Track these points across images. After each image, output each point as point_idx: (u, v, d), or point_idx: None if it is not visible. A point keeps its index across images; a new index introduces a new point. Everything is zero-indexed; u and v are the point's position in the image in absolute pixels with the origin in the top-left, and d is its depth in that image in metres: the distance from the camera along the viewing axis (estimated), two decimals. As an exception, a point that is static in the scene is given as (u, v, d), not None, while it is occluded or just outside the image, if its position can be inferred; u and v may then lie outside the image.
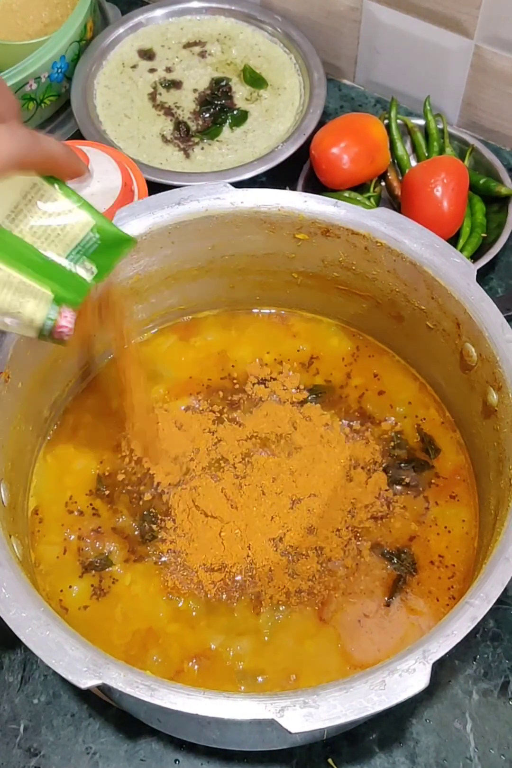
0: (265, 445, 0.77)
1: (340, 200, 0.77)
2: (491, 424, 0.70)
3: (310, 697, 0.53)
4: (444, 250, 0.73)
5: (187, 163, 1.05)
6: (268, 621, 0.69)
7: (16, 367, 0.70)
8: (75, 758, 0.72)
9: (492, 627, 0.77)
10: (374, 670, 0.55)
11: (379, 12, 1.10)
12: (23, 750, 0.72)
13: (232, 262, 0.82)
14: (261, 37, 1.16)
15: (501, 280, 1.01)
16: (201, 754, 0.71)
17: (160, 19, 1.18)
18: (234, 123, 1.08)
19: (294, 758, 0.71)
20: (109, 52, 1.14)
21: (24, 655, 0.76)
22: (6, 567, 0.60)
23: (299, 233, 0.78)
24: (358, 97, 1.19)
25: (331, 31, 1.16)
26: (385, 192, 1.05)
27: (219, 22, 1.18)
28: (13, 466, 0.71)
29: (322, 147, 1.00)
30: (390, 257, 0.75)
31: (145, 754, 0.72)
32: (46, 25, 1.15)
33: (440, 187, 0.95)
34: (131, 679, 0.54)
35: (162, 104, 1.10)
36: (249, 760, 0.71)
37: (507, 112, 1.09)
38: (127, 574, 0.72)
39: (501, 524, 0.62)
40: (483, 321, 0.70)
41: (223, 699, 0.54)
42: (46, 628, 0.56)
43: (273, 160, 1.02)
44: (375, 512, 0.74)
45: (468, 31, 1.05)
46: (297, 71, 1.13)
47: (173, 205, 0.76)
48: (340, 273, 0.80)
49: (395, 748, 0.72)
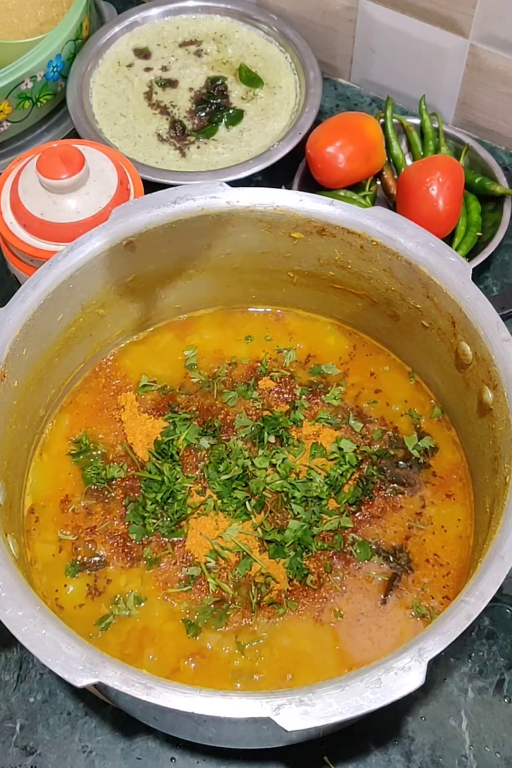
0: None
1: (336, 199, 0.77)
2: (486, 423, 0.70)
3: (306, 696, 0.54)
4: (439, 249, 0.74)
5: (182, 162, 1.05)
6: (265, 620, 0.69)
7: (12, 366, 0.70)
8: (71, 757, 0.72)
9: (487, 625, 0.77)
10: (370, 668, 0.55)
11: (375, 11, 1.10)
12: (19, 748, 0.72)
13: (228, 261, 0.82)
14: (257, 36, 1.16)
15: (496, 278, 1.01)
16: (197, 752, 0.71)
17: (156, 18, 1.18)
18: (230, 122, 1.08)
19: (290, 756, 0.71)
20: (104, 50, 1.14)
21: (20, 654, 0.76)
22: (2, 565, 0.60)
23: (295, 232, 0.78)
24: (354, 96, 1.19)
25: (327, 30, 1.16)
26: (381, 191, 1.06)
27: (215, 21, 1.18)
28: (8, 465, 0.71)
29: (318, 146, 1.00)
30: (386, 256, 0.75)
31: (141, 753, 0.72)
32: (41, 24, 1.14)
33: (435, 186, 0.95)
34: (127, 677, 0.54)
35: (158, 103, 1.10)
36: (245, 758, 0.71)
37: (502, 111, 1.09)
38: (122, 574, 0.72)
39: (497, 522, 0.63)
40: (479, 320, 0.70)
41: (219, 697, 0.54)
42: (42, 627, 0.56)
43: (269, 159, 1.02)
44: (372, 511, 0.75)
45: (463, 31, 1.05)
46: (293, 70, 1.13)
47: (169, 204, 0.76)
48: (336, 272, 0.80)
49: (391, 745, 0.72)
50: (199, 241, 0.79)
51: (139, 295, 0.81)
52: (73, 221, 0.86)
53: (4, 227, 0.88)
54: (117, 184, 0.88)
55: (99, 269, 0.75)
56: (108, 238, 0.75)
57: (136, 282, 0.80)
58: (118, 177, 0.89)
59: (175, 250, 0.79)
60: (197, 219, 0.77)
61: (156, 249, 0.78)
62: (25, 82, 1.01)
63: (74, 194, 0.86)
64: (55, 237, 0.86)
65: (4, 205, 0.89)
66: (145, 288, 0.81)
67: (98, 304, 0.78)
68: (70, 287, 0.74)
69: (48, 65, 1.03)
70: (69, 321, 0.76)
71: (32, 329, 0.71)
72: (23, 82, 1.01)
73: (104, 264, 0.75)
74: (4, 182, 0.90)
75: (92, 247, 0.74)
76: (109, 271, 0.76)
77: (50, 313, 0.73)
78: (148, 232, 0.76)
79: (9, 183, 0.90)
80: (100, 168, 0.89)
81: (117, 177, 0.89)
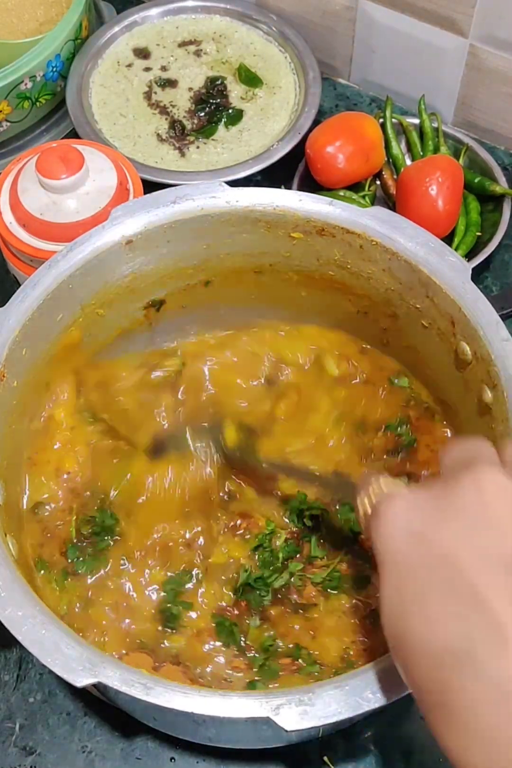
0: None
1: (335, 199, 0.77)
2: (486, 423, 0.70)
3: (306, 695, 0.54)
4: (439, 249, 0.74)
5: (182, 161, 1.05)
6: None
7: (12, 366, 0.70)
8: (71, 757, 0.72)
9: (487, 625, 0.77)
10: (370, 668, 0.55)
11: (374, 11, 1.10)
12: (19, 749, 0.72)
13: (227, 261, 0.82)
14: (257, 36, 1.16)
15: (495, 278, 1.01)
16: (196, 752, 0.71)
17: (156, 18, 1.18)
18: (229, 122, 1.08)
19: (290, 756, 0.71)
20: (104, 50, 1.14)
21: (20, 654, 0.76)
22: (2, 565, 0.60)
23: (294, 232, 0.78)
24: (353, 96, 1.19)
25: (326, 30, 1.16)
26: (380, 191, 1.06)
27: (214, 21, 1.18)
28: (8, 465, 0.71)
29: (317, 146, 1.00)
30: (385, 256, 0.75)
31: (141, 753, 0.72)
32: (41, 24, 1.14)
33: (435, 186, 0.95)
34: (127, 677, 0.54)
35: (157, 103, 1.10)
36: (244, 757, 0.71)
37: (501, 111, 1.09)
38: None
39: (496, 522, 0.63)
40: (478, 320, 0.70)
41: (219, 697, 0.54)
42: (42, 627, 0.56)
43: (269, 159, 1.02)
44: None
45: (463, 31, 1.05)
46: (293, 70, 1.13)
47: (168, 203, 0.76)
48: (335, 272, 0.80)
49: (391, 746, 0.72)
50: (199, 241, 0.79)
51: (138, 294, 0.81)
52: (72, 221, 0.86)
53: (4, 227, 0.88)
54: (116, 184, 0.88)
55: (98, 269, 0.75)
56: (107, 238, 0.75)
57: (135, 282, 0.80)
58: (118, 177, 0.89)
59: (175, 250, 0.79)
60: (196, 219, 0.77)
61: (155, 249, 0.78)
62: (24, 82, 1.01)
63: (74, 194, 0.87)
64: (55, 237, 0.86)
65: (3, 205, 0.89)
66: (145, 288, 0.81)
67: (98, 304, 0.78)
68: (69, 287, 0.73)
69: (47, 65, 1.03)
70: (69, 321, 0.76)
71: (32, 329, 0.71)
72: (22, 82, 1.01)
73: (104, 264, 0.75)
74: (3, 182, 0.90)
75: (92, 246, 0.74)
76: (108, 271, 0.76)
77: (50, 313, 0.73)
78: (148, 232, 0.76)
79: (8, 183, 0.90)
80: (99, 168, 0.89)
81: (116, 177, 0.89)
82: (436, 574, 0.45)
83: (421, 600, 0.45)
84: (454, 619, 0.43)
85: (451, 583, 0.44)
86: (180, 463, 0.75)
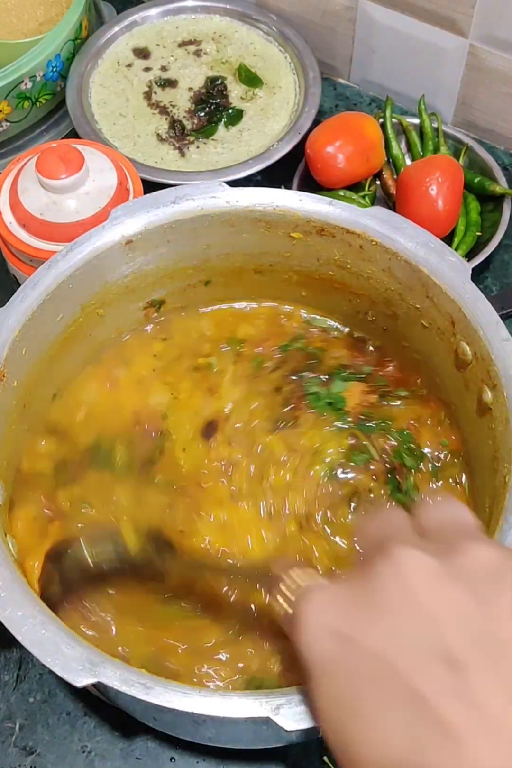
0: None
1: (335, 199, 0.77)
2: (486, 423, 0.70)
3: (306, 695, 0.53)
4: (439, 249, 0.74)
5: (182, 161, 1.05)
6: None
7: (12, 366, 0.70)
8: (71, 757, 0.72)
9: (487, 625, 0.77)
10: (369, 668, 0.55)
11: (374, 11, 1.10)
12: (19, 749, 0.72)
13: (227, 261, 0.82)
14: (257, 36, 1.16)
15: (495, 278, 1.01)
16: (196, 752, 0.71)
17: (155, 18, 1.18)
18: (229, 122, 1.08)
19: (290, 756, 0.71)
20: (104, 50, 1.14)
21: (20, 654, 0.76)
22: (2, 565, 0.60)
23: (294, 232, 0.78)
24: (353, 96, 1.19)
25: (326, 30, 1.16)
26: (380, 191, 1.06)
27: (214, 21, 1.18)
28: (8, 465, 0.71)
29: (317, 146, 1.00)
30: (385, 256, 0.75)
31: (141, 753, 0.72)
32: (41, 24, 1.14)
33: (435, 186, 0.95)
34: (127, 677, 0.54)
35: (157, 103, 1.10)
36: (244, 757, 0.71)
37: (501, 111, 1.09)
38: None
39: (496, 523, 0.62)
40: (478, 320, 0.70)
41: (219, 697, 0.54)
42: (42, 627, 0.56)
43: (269, 159, 1.02)
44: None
45: (463, 30, 1.05)
46: (293, 70, 1.13)
47: (168, 203, 0.76)
48: (335, 272, 0.80)
49: (390, 745, 0.72)
50: (198, 241, 0.79)
51: (137, 294, 0.81)
52: (72, 221, 0.86)
53: (4, 227, 0.88)
54: (116, 184, 0.88)
55: (98, 269, 0.75)
56: (107, 238, 0.75)
57: (135, 282, 0.80)
58: (118, 177, 0.89)
59: (174, 249, 0.79)
60: (196, 219, 0.77)
61: (155, 249, 0.78)
62: (24, 82, 1.01)
63: (74, 194, 0.86)
64: (55, 237, 0.86)
65: (3, 205, 0.89)
66: (144, 288, 0.81)
67: (98, 304, 0.78)
68: (69, 287, 0.73)
69: (47, 65, 1.03)
70: (69, 321, 0.76)
71: (32, 329, 0.71)
72: (22, 82, 1.01)
73: (104, 264, 0.75)
74: (3, 182, 0.90)
75: (91, 247, 0.74)
76: (108, 271, 0.76)
77: (50, 313, 0.73)
78: (148, 232, 0.76)
79: (8, 183, 0.90)
80: (99, 168, 0.89)
81: (116, 177, 0.89)
82: (371, 681, 0.41)
83: (360, 712, 0.41)
84: (399, 729, 0.40)
85: (389, 688, 0.40)
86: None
